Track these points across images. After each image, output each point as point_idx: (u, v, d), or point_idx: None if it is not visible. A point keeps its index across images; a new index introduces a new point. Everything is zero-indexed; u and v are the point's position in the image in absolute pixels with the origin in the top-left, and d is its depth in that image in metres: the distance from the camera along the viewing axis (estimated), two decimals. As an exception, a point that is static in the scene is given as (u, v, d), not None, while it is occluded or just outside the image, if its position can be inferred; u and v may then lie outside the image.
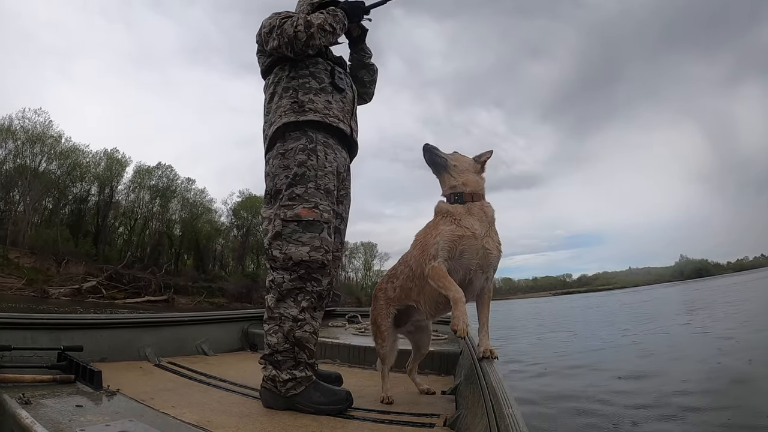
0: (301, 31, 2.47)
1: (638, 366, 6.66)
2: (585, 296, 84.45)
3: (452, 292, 2.11)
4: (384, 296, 2.57)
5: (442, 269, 2.17)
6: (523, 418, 1.31)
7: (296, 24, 2.49)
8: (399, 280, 2.50)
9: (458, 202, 2.34)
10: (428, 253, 2.24)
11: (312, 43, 2.51)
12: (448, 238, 2.21)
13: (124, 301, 40.30)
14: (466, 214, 2.29)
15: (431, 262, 2.20)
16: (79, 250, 49.74)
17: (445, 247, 2.20)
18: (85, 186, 55.86)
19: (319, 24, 2.51)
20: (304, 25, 2.48)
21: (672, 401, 4.67)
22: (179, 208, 61.98)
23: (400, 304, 2.53)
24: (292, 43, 2.50)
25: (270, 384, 2.33)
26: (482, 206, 2.34)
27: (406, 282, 2.45)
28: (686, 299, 26.60)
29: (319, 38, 2.52)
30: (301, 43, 2.49)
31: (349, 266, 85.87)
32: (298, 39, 2.48)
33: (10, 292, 36.38)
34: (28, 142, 49.99)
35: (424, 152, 2.47)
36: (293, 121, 2.53)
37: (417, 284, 2.38)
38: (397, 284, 2.51)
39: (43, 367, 2.54)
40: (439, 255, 2.19)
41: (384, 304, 2.56)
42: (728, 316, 13.25)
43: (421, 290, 2.37)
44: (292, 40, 2.49)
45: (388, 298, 2.55)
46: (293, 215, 2.39)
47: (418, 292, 2.40)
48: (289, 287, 2.36)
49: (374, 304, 2.63)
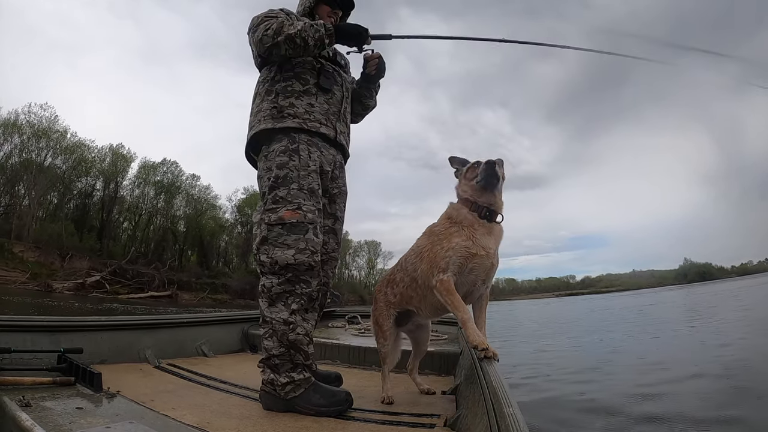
0: (268, 36, 2.45)
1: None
2: (587, 298, 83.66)
3: (461, 313, 2.13)
4: (384, 299, 2.58)
5: (450, 285, 2.16)
6: (523, 418, 1.31)
7: (268, 28, 2.47)
8: (399, 287, 2.50)
9: (487, 219, 2.28)
10: (437, 265, 2.21)
11: (275, 51, 2.49)
12: (462, 255, 2.19)
13: (128, 297, 40.31)
14: (487, 234, 2.26)
15: (440, 275, 2.19)
16: (83, 244, 49.98)
17: (457, 262, 2.18)
18: (90, 181, 56.29)
19: (289, 34, 2.43)
20: (273, 32, 2.45)
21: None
22: (184, 204, 62.39)
23: (400, 308, 2.54)
24: (257, 46, 2.52)
25: (269, 387, 2.34)
26: (501, 229, 2.34)
27: (407, 291, 2.45)
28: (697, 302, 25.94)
29: (285, 49, 2.47)
30: (264, 48, 2.49)
31: (352, 265, 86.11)
32: (263, 43, 2.48)
33: (14, 285, 36.50)
34: (33, 137, 50.33)
35: (492, 166, 2.31)
36: (269, 128, 2.53)
37: (419, 293, 2.39)
38: (397, 291, 2.51)
39: (43, 369, 2.54)
40: (449, 269, 2.18)
41: (384, 306, 2.57)
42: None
43: (423, 298, 2.38)
44: (257, 43, 2.50)
45: (388, 302, 2.56)
46: (277, 218, 2.40)
47: (419, 300, 2.41)
48: (278, 291, 2.37)
49: (375, 305, 2.64)
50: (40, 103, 51.90)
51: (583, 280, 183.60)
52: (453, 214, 2.33)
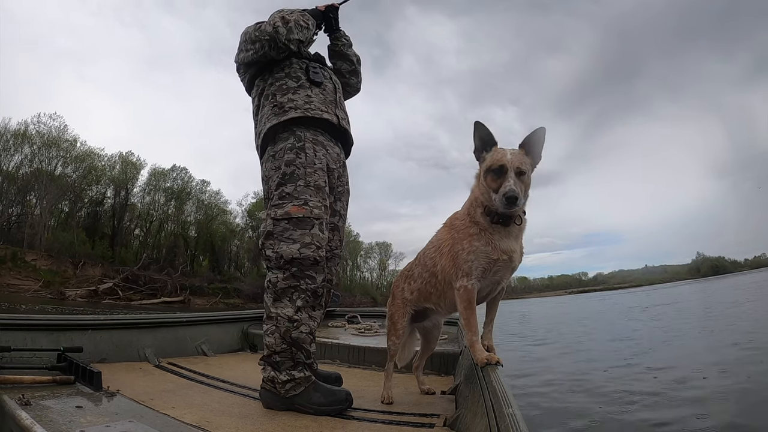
0: (281, 26, 2.55)
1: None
2: (600, 295, 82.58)
3: (470, 334, 2.11)
4: (401, 296, 2.53)
5: (473, 295, 2.09)
6: (523, 418, 1.31)
7: (274, 22, 2.57)
8: (417, 283, 2.43)
9: (501, 223, 2.08)
10: (461, 268, 2.11)
11: (291, 37, 2.58)
12: (484, 260, 2.07)
13: (141, 303, 40.45)
14: (506, 236, 2.09)
15: (463, 280, 2.10)
16: (95, 252, 50.26)
17: (480, 267, 2.08)
18: (100, 189, 56.62)
19: (295, 19, 2.60)
20: (282, 21, 2.57)
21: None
22: (194, 209, 62.60)
23: (417, 306, 2.50)
24: (273, 39, 2.56)
25: (269, 385, 2.35)
26: (521, 226, 2.14)
27: (426, 287, 2.38)
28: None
29: (297, 32, 2.60)
30: (282, 37, 2.56)
31: (364, 266, 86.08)
32: (279, 33, 2.55)
33: (27, 294, 36.82)
34: (44, 147, 50.77)
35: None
36: (275, 123, 2.58)
37: (438, 290, 2.32)
38: (414, 287, 2.45)
39: (43, 368, 2.56)
40: (473, 274, 2.08)
41: (401, 303, 2.53)
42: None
43: (442, 295, 2.32)
44: (273, 36, 2.56)
45: (405, 299, 2.51)
46: (283, 213, 2.42)
47: (438, 296, 2.35)
48: (283, 286, 2.38)
49: (391, 301, 2.60)
50: (50, 113, 52.35)
51: (595, 277, 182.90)
52: (471, 212, 2.15)
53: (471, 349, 2.12)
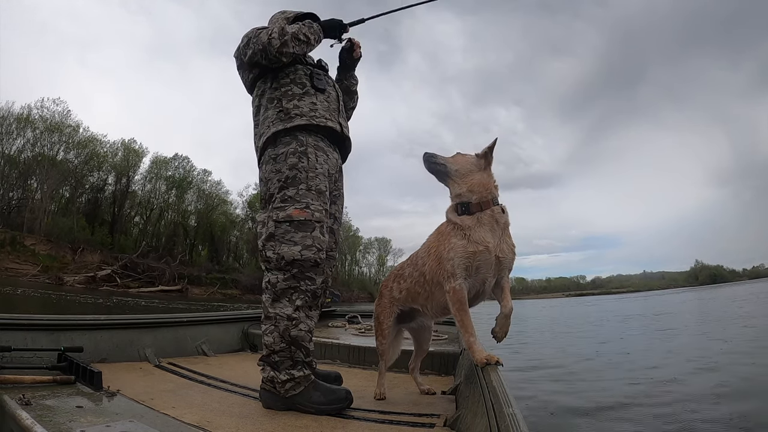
0: (275, 38, 2.52)
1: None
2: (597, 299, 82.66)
3: (467, 335, 2.12)
4: (389, 295, 2.57)
5: (463, 296, 2.14)
6: (523, 418, 1.30)
7: (270, 32, 2.55)
8: (406, 283, 2.48)
9: (465, 213, 2.23)
10: (445, 269, 2.19)
11: (285, 50, 2.55)
12: (462, 255, 2.15)
13: (138, 290, 40.57)
14: (476, 226, 2.18)
15: (451, 281, 2.16)
16: (94, 238, 50.49)
17: (461, 264, 2.14)
18: (102, 175, 56.93)
19: (293, 33, 2.56)
20: (278, 33, 2.53)
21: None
22: (195, 199, 62.89)
23: (404, 306, 2.53)
24: (265, 50, 2.54)
25: (269, 385, 2.34)
26: (492, 214, 2.22)
27: (414, 286, 2.43)
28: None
29: (293, 46, 2.56)
30: (274, 50, 2.53)
31: (362, 261, 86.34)
32: (272, 45, 2.52)
33: (25, 278, 36.90)
34: (46, 132, 51.02)
35: (424, 161, 2.37)
36: (281, 129, 2.57)
37: (426, 290, 2.37)
38: (403, 286, 2.50)
39: (43, 368, 2.55)
40: (458, 274, 2.15)
41: (388, 303, 2.57)
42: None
43: (429, 296, 2.37)
44: (266, 47, 2.53)
45: (393, 298, 2.56)
46: (285, 216, 2.42)
47: (426, 298, 2.39)
48: (283, 287, 2.38)
49: (379, 301, 2.64)
50: (53, 98, 52.57)
51: (593, 281, 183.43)
52: (447, 217, 2.32)
53: (469, 350, 2.13)
